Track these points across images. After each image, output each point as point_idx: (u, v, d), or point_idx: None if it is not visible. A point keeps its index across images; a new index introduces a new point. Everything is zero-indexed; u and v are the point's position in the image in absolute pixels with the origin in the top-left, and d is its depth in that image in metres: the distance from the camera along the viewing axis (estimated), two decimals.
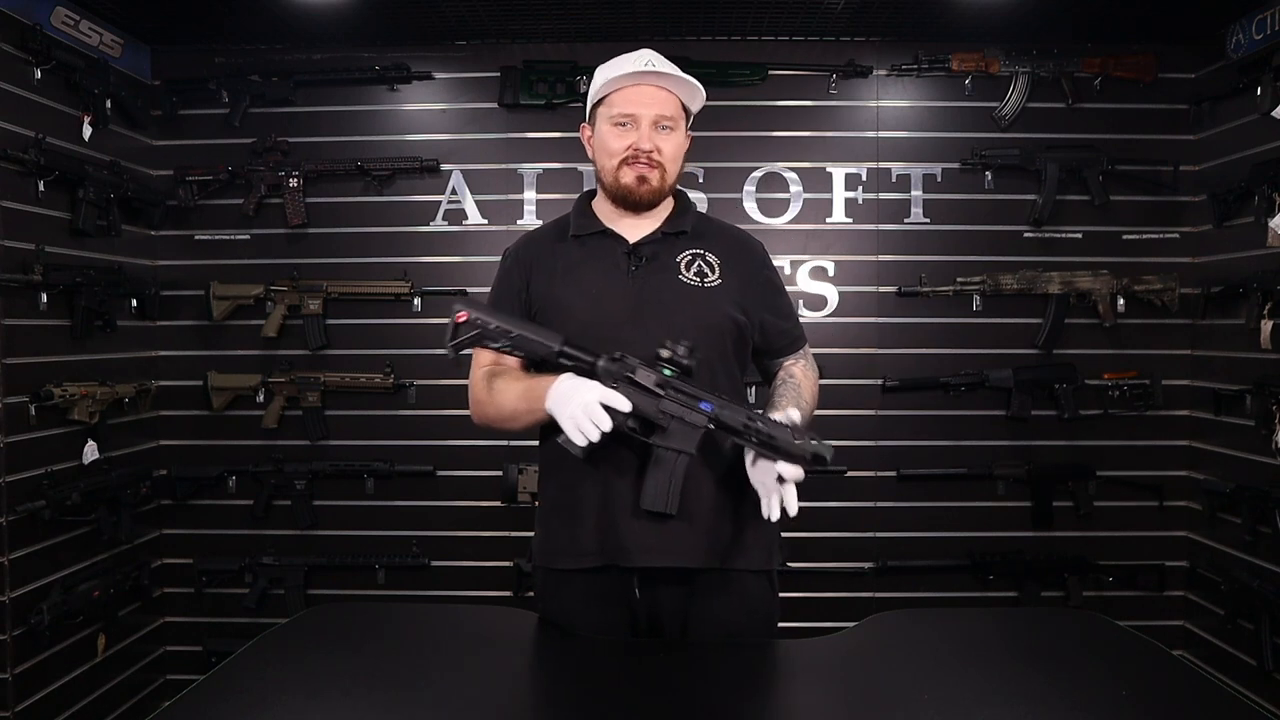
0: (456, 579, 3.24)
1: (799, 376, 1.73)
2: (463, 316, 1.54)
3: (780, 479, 1.47)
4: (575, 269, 1.68)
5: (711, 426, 1.49)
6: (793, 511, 1.49)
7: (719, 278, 1.67)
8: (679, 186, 1.77)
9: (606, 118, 1.68)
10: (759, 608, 1.68)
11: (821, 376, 1.88)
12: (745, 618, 1.65)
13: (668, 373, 1.50)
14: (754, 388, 2.89)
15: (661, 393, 1.50)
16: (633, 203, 1.67)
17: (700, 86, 1.68)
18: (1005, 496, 3.21)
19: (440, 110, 3.24)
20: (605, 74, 1.67)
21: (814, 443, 1.46)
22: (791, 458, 1.46)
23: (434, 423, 3.21)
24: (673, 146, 1.67)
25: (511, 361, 1.69)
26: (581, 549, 1.63)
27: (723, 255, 1.70)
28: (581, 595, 1.65)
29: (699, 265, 1.67)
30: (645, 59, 1.65)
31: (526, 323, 1.58)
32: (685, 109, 1.70)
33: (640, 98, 1.64)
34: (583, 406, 1.47)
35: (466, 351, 1.62)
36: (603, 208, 1.74)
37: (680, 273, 1.66)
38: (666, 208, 1.74)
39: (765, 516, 1.49)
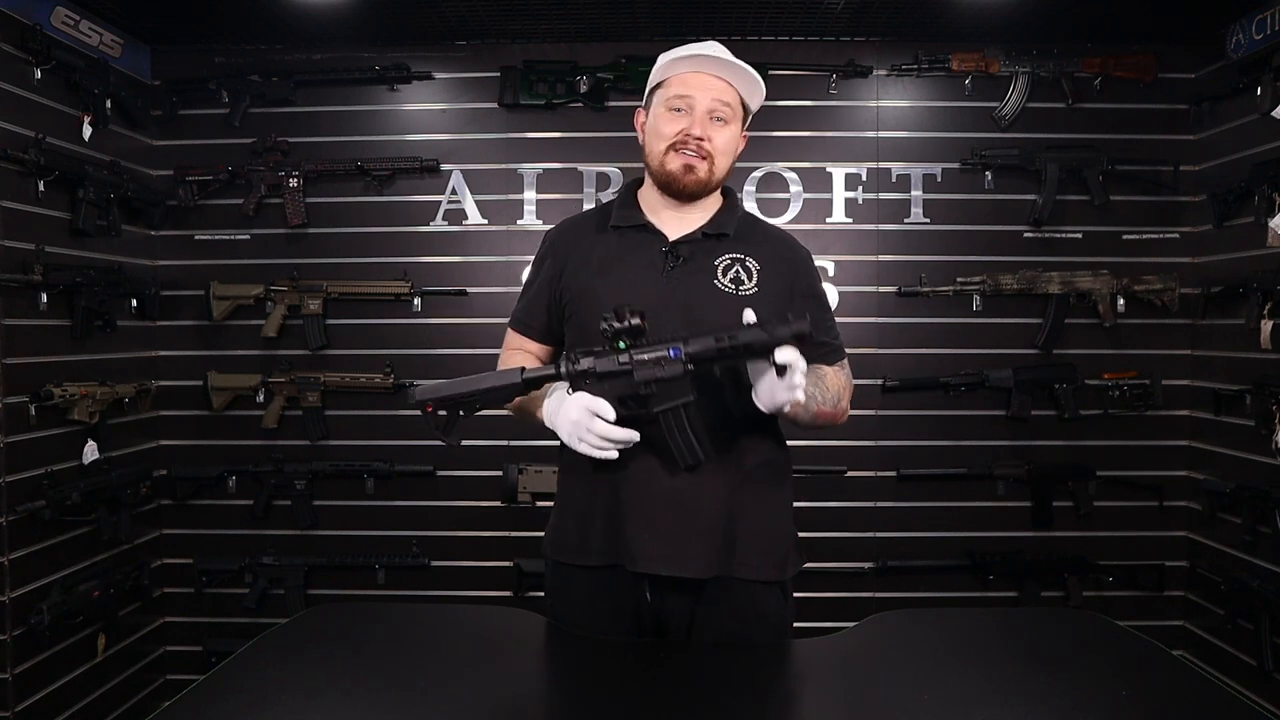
0: (456, 579, 3.24)
1: (824, 368, 1.65)
2: (430, 408, 1.52)
3: (779, 372, 1.42)
4: (610, 262, 1.65)
5: (691, 367, 1.45)
6: (800, 395, 1.44)
7: (755, 285, 1.63)
8: (729, 185, 1.74)
9: (662, 100, 1.64)
10: (768, 619, 1.64)
11: None
12: (754, 628, 1.62)
13: (623, 345, 1.46)
14: None
15: (629, 367, 1.46)
16: (676, 191, 1.64)
17: (760, 82, 1.64)
18: (1005, 496, 3.21)
19: (440, 110, 3.23)
20: (667, 57, 1.64)
21: (787, 325, 1.41)
22: (769, 347, 1.41)
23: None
24: (725, 139, 1.63)
25: (533, 347, 1.73)
26: (589, 547, 1.63)
27: (764, 262, 1.65)
28: (588, 592, 1.65)
29: (736, 271, 1.63)
30: (714, 49, 1.63)
31: (485, 375, 1.53)
32: (745, 106, 1.66)
33: (699, 82, 1.61)
34: (577, 428, 1.47)
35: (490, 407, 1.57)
36: (648, 197, 1.70)
37: (716, 277, 1.62)
38: (713, 204, 1.70)
39: (800, 403, 1.46)
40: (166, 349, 3.25)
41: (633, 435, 1.47)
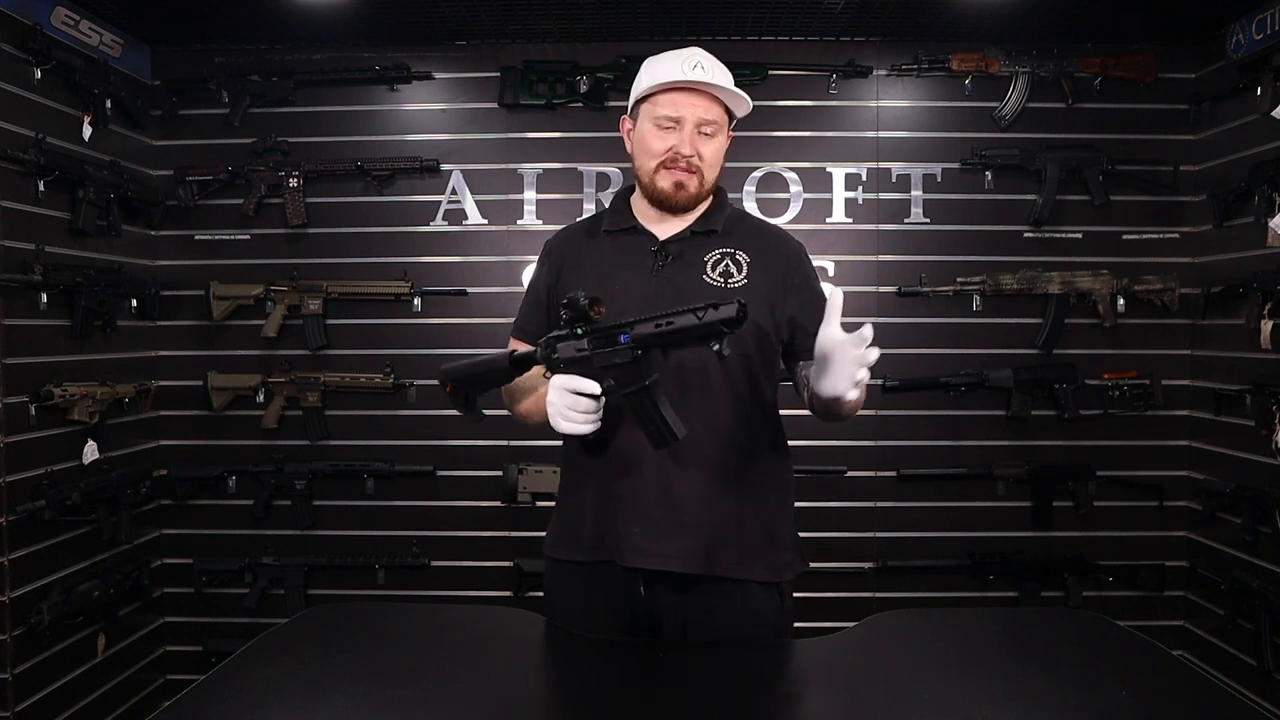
0: (456, 579, 3.24)
1: None
2: (450, 389, 1.61)
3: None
4: (603, 265, 1.68)
5: (639, 352, 1.43)
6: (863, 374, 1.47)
7: (745, 278, 1.65)
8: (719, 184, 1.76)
9: (649, 116, 1.65)
10: (764, 620, 1.64)
11: None
12: (749, 629, 1.62)
13: (580, 331, 1.47)
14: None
15: (587, 353, 1.47)
16: (669, 207, 1.67)
17: (747, 99, 1.66)
18: (1005, 496, 3.21)
19: (440, 110, 3.23)
20: (654, 71, 1.65)
21: (716, 310, 1.36)
22: (705, 335, 1.37)
23: (434, 423, 3.21)
24: (713, 151, 1.66)
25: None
26: (580, 542, 1.65)
27: (753, 254, 1.68)
28: (582, 588, 1.66)
29: (726, 265, 1.66)
30: (695, 60, 1.63)
31: (486, 355, 1.59)
32: (729, 112, 1.68)
33: (687, 101, 1.63)
34: (561, 405, 1.48)
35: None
36: (639, 204, 1.73)
37: (705, 272, 1.65)
38: (702, 204, 1.72)
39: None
40: (166, 349, 3.25)
41: (587, 405, 1.48)
